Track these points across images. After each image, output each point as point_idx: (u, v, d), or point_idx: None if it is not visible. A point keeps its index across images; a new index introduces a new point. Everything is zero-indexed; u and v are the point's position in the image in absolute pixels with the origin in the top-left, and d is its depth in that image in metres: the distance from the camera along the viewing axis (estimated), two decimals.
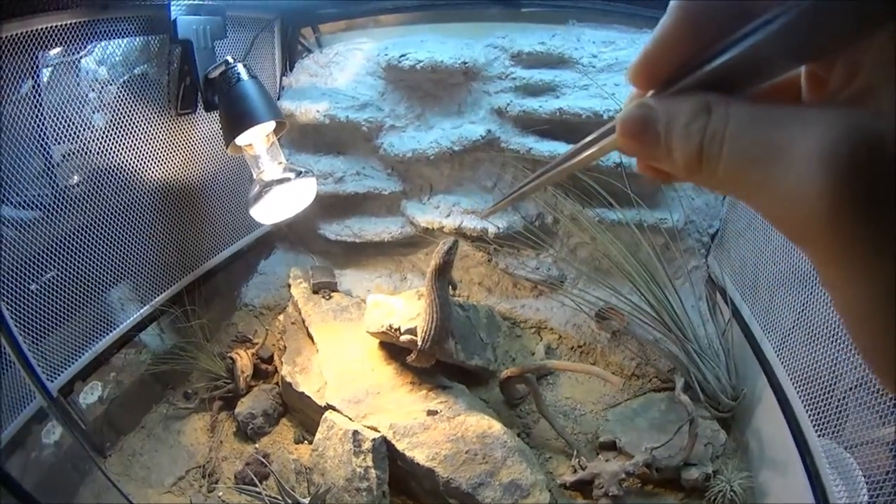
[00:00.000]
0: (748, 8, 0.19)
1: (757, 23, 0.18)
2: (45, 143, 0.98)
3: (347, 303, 1.47)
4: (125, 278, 1.18)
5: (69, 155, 1.03)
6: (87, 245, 1.07)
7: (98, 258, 1.09)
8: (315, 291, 1.49)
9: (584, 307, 1.39)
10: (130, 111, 1.11)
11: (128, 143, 1.12)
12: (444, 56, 1.38)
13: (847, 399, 0.85)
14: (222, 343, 1.46)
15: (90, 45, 1.04)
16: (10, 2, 0.83)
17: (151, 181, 1.20)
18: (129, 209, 1.16)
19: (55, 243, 1.00)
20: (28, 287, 0.95)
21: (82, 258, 1.06)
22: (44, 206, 0.98)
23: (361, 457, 1.07)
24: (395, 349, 1.27)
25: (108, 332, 1.16)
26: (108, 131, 1.08)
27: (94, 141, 1.06)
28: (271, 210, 1.14)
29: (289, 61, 1.59)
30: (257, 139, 1.11)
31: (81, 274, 1.06)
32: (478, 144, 1.43)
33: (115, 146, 1.10)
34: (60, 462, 1.03)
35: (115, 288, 1.16)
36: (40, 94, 0.95)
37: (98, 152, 1.07)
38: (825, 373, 0.90)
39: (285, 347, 1.39)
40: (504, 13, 1.51)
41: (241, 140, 1.08)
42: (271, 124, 1.10)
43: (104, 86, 1.07)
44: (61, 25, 0.93)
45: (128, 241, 1.16)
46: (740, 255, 1.28)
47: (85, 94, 1.04)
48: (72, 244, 1.04)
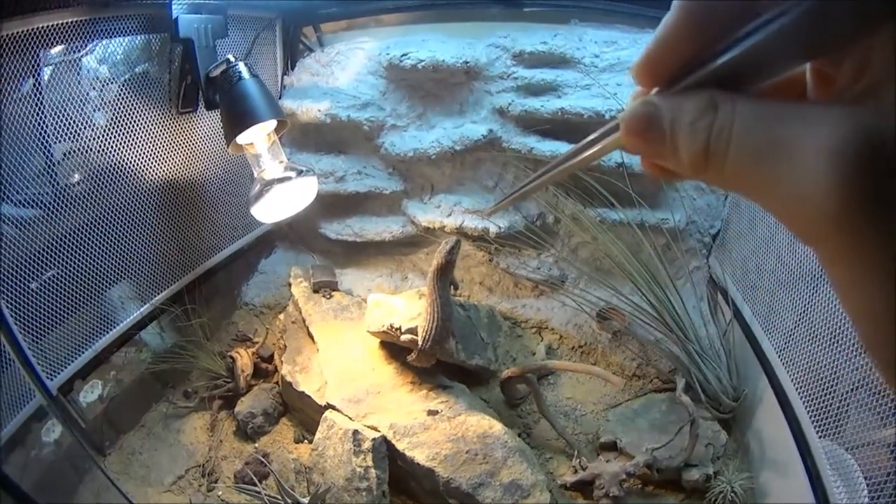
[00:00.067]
0: (752, 6, 0.19)
1: (761, 20, 0.18)
2: (46, 141, 0.98)
3: (348, 302, 1.47)
4: (125, 277, 1.18)
5: (70, 153, 1.03)
6: (88, 243, 1.07)
7: (98, 256, 1.09)
8: (316, 290, 1.49)
9: (586, 307, 1.39)
10: (131, 110, 1.11)
11: (129, 141, 1.12)
12: (446, 55, 1.38)
13: (848, 400, 0.85)
14: (222, 342, 1.46)
15: (91, 44, 1.04)
16: (10, 0, 0.83)
17: (152, 180, 1.20)
18: (129, 208, 1.16)
19: (55, 242, 1.00)
20: (28, 285, 0.95)
21: (83, 256, 1.06)
22: (44, 205, 0.98)
23: (361, 456, 1.06)
24: (395, 349, 1.27)
25: (109, 331, 1.16)
26: (109, 130, 1.08)
27: (94, 139, 1.06)
28: (272, 209, 1.14)
29: (290, 60, 1.59)
30: (258, 138, 1.11)
31: (82, 272, 1.06)
32: (479, 144, 1.43)
33: (116, 145, 1.10)
34: (60, 461, 1.03)
35: (115, 286, 1.16)
36: (41, 92, 0.95)
37: (99, 151, 1.07)
38: (826, 374, 0.90)
39: (285, 346, 1.39)
40: (506, 13, 1.51)
41: (242, 139, 1.08)
42: (272, 123, 1.10)
43: (105, 84, 1.07)
44: (62, 24, 0.93)
45: (128, 239, 1.16)
46: (742, 256, 1.28)
47: (86, 93, 1.04)
48: (72, 242, 1.04)
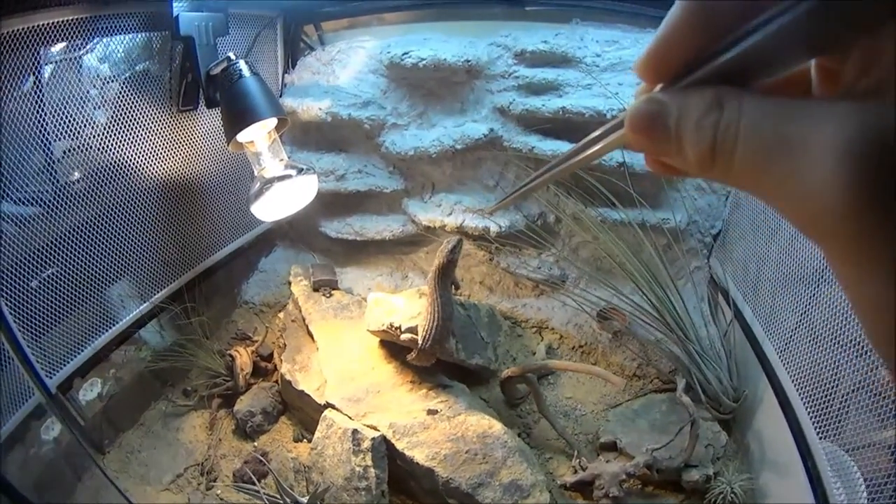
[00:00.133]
0: (755, 3, 0.19)
1: (764, 17, 0.18)
2: (46, 139, 0.98)
3: (348, 301, 1.46)
4: (125, 275, 1.18)
5: (70, 151, 1.03)
6: (88, 242, 1.07)
7: (98, 255, 1.09)
8: (315, 289, 1.48)
9: (586, 307, 1.38)
10: (132, 108, 1.11)
11: (129, 139, 1.12)
12: (447, 54, 1.38)
13: (848, 401, 0.85)
14: (222, 340, 1.46)
15: (92, 42, 1.03)
16: None
17: (152, 178, 1.20)
18: (129, 206, 1.16)
19: (55, 240, 1.00)
20: (28, 283, 0.95)
21: (82, 255, 1.06)
22: (44, 203, 0.98)
23: (361, 456, 1.06)
24: (395, 348, 1.27)
25: (108, 329, 1.16)
26: (110, 128, 1.08)
27: (95, 137, 1.05)
28: (272, 207, 1.14)
29: (291, 59, 1.59)
30: (259, 136, 1.11)
31: (81, 270, 1.06)
32: (480, 143, 1.43)
33: (117, 143, 1.09)
34: (59, 459, 1.03)
35: (115, 284, 1.16)
36: (42, 90, 0.95)
37: (99, 149, 1.07)
38: (827, 375, 0.90)
39: (285, 345, 1.39)
40: (507, 12, 1.51)
41: (242, 137, 1.08)
42: (273, 121, 1.10)
43: (106, 82, 1.07)
44: (63, 21, 0.93)
45: (128, 237, 1.16)
46: (743, 256, 1.28)
47: (86, 91, 1.03)
48: (72, 241, 1.03)
